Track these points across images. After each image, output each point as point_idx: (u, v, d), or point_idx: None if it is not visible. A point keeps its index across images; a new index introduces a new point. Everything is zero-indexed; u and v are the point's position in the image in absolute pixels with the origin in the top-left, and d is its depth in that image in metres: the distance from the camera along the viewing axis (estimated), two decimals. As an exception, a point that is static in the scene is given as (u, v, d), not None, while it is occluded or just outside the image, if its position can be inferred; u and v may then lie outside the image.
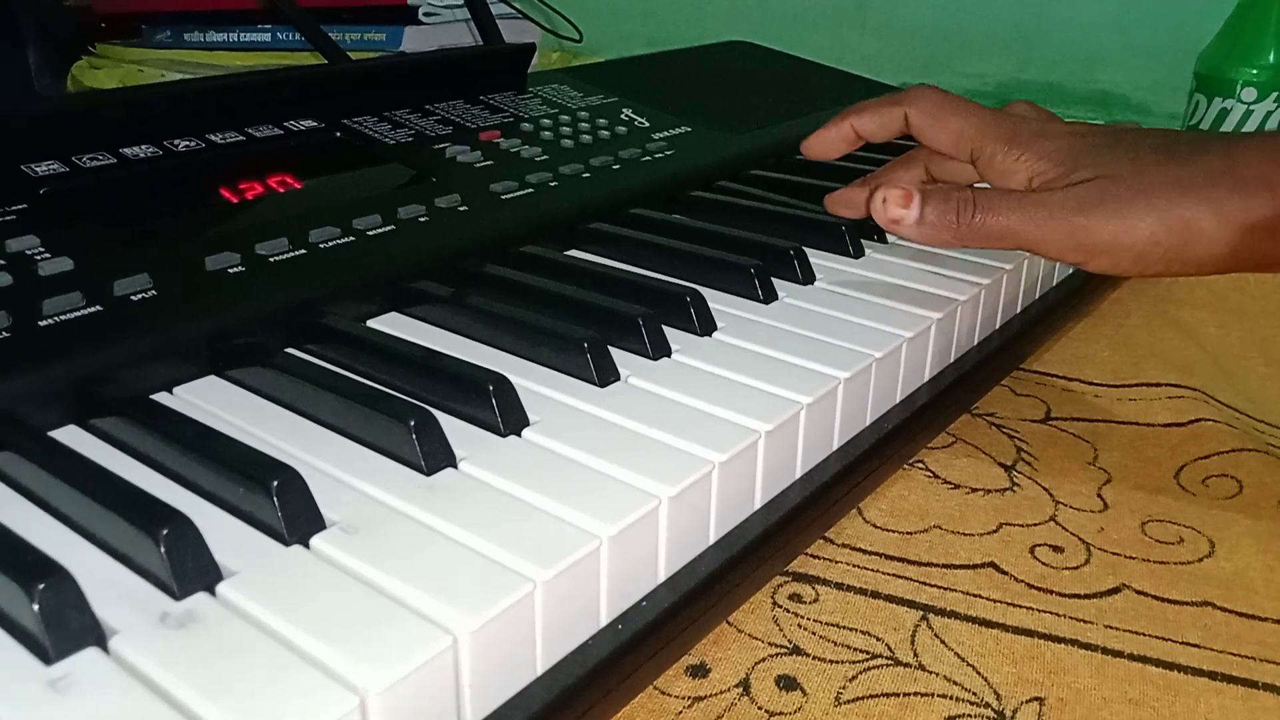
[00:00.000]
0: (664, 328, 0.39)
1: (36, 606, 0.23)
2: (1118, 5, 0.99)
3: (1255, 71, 0.80)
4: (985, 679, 0.32)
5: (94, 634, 0.23)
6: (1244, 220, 0.37)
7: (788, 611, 0.35)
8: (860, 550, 0.38)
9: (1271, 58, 0.80)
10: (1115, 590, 0.36)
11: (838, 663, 0.32)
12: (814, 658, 0.33)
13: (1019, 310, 0.52)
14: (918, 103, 0.46)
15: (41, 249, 0.37)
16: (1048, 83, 1.04)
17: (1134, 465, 0.44)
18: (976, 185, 0.43)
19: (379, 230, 0.43)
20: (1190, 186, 0.38)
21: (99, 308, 0.35)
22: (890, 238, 0.53)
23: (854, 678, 0.32)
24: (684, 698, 0.31)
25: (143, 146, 0.46)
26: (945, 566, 0.37)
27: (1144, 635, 0.34)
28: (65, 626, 0.23)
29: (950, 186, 0.42)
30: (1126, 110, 1.02)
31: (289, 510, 0.27)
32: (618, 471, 0.30)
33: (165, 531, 0.25)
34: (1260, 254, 0.38)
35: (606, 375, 0.36)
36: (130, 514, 0.26)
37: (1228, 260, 0.38)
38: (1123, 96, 1.02)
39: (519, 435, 0.32)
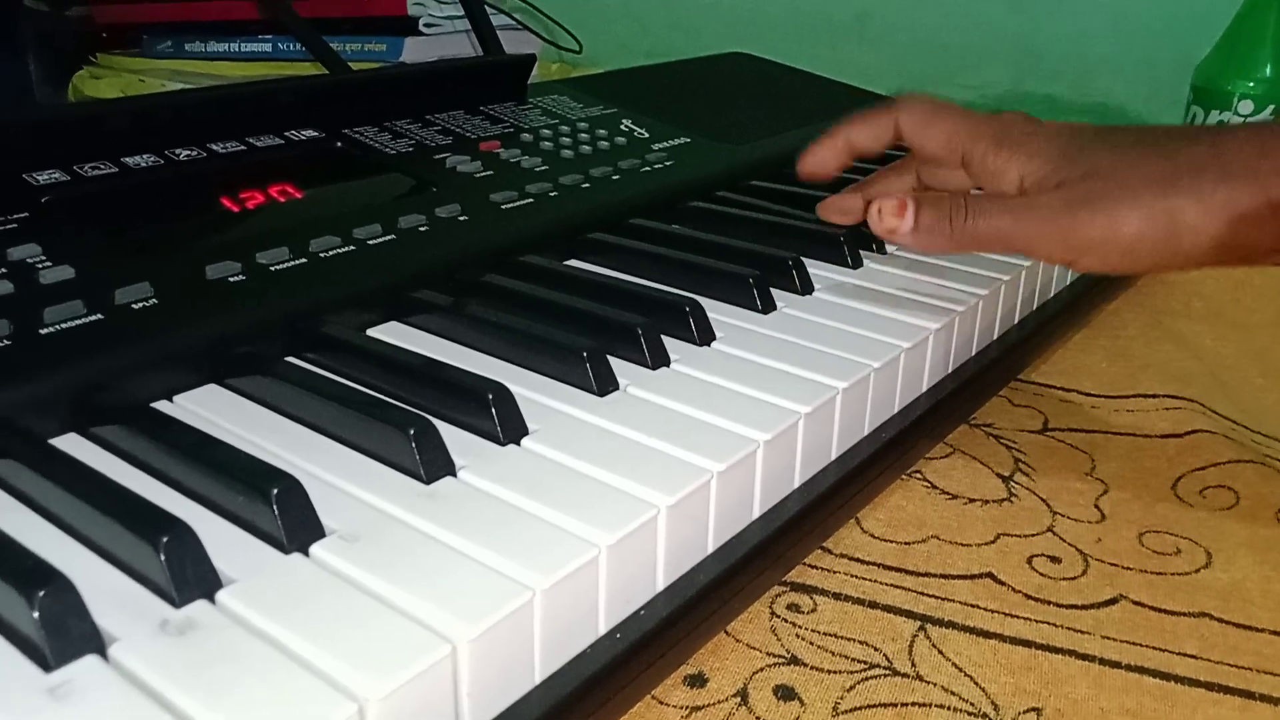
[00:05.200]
0: (663, 337, 0.39)
1: (36, 614, 0.23)
2: (1115, 17, 1.00)
3: (1251, 84, 0.81)
4: (983, 689, 0.32)
5: (94, 641, 0.23)
6: (1230, 210, 0.37)
7: (786, 621, 0.35)
8: (858, 560, 0.38)
9: (1268, 70, 0.80)
10: (1112, 601, 0.36)
11: (836, 673, 0.32)
12: (812, 668, 0.33)
13: (1017, 321, 0.52)
14: (908, 109, 0.46)
15: (43, 257, 0.37)
16: (1045, 94, 1.05)
17: (1131, 476, 0.44)
18: (970, 191, 0.43)
19: (379, 240, 0.43)
20: (1175, 179, 0.38)
21: (100, 316, 0.35)
22: (889, 248, 0.53)
23: (852, 688, 0.32)
24: (682, 707, 0.31)
25: (144, 156, 0.46)
26: (943, 577, 0.37)
27: (1141, 646, 0.34)
28: (65, 634, 0.23)
29: (943, 194, 0.42)
30: (1123, 122, 1.02)
31: (289, 518, 0.27)
32: (616, 481, 0.30)
33: (165, 539, 0.25)
34: (1247, 244, 0.38)
35: (606, 385, 0.36)
36: (130, 521, 0.26)
37: (1214, 252, 0.38)
38: (1120, 108, 1.02)
39: (518, 444, 0.32)
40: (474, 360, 0.38)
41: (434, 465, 0.30)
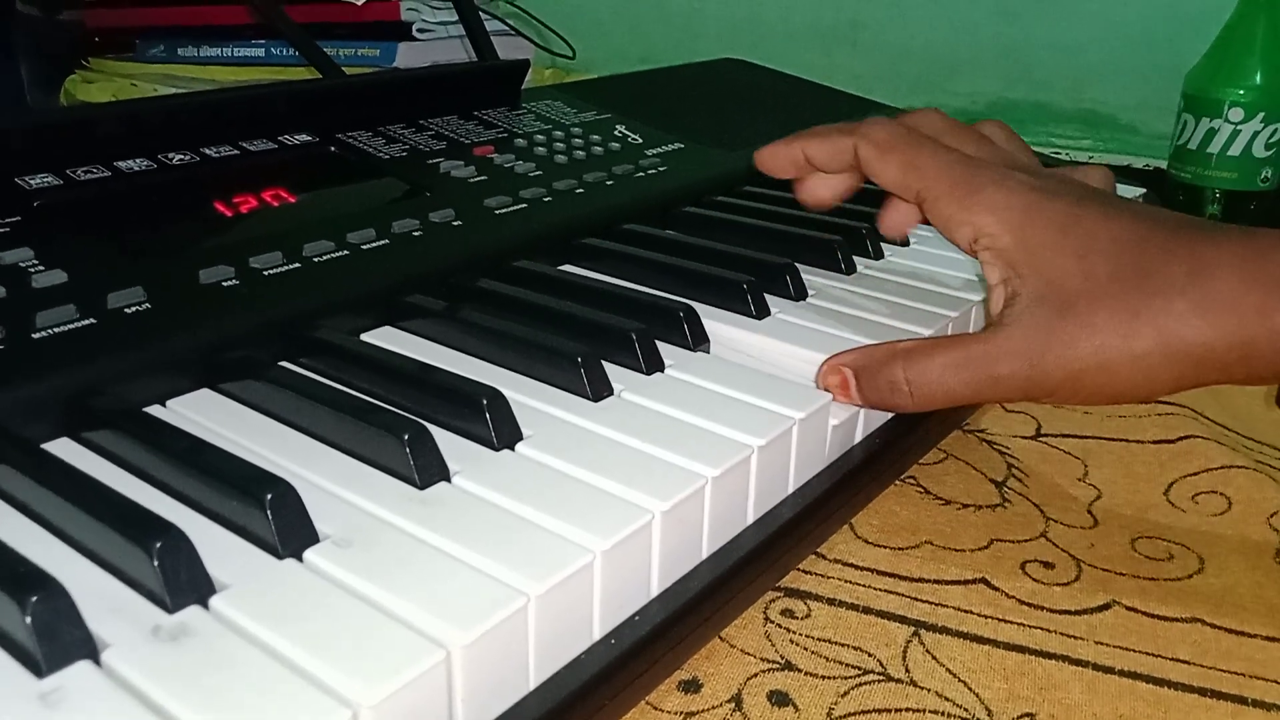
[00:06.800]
0: (657, 343, 0.39)
1: (29, 619, 0.22)
2: (1106, 25, 1.00)
3: (1242, 92, 0.81)
4: (977, 695, 0.32)
5: (86, 647, 0.23)
6: (1197, 354, 0.33)
7: (780, 627, 0.35)
8: (852, 566, 0.38)
9: (1258, 78, 0.81)
10: (1105, 606, 0.36)
11: (830, 678, 0.32)
12: (806, 673, 0.33)
13: (1009, 327, 0.52)
14: (867, 136, 0.43)
15: (35, 261, 0.37)
16: (1036, 102, 1.05)
17: (1124, 482, 0.44)
18: (902, 342, 0.38)
19: (373, 244, 0.43)
20: (1140, 311, 0.34)
21: (93, 320, 0.35)
22: (885, 251, 0.53)
23: (846, 693, 0.32)
24: (676, 713, 0.31)
25: (137, 160, 0.46)
26: (936, 582, 0.37)
27: (1134, 651, 0.34)
28: (57, 639, 0.23)
29: (879, 362, 0.38)
30: (1115, 130, 1.03)
31: (282, 523, 0.27)
32: (611, 486, 0.30)
33: (158, 544, 0.25)
34: (1210, 382, 0.35)
35: (600, 390, 0.36)
36: (123, 527, 0.26)
37: (1173, 388, 0.35)
38: (1111, 116, 1.03)
39: (512, 449, 0.32)
40: (468, 365, 0.38)
41: (428, 471, 0.30)
